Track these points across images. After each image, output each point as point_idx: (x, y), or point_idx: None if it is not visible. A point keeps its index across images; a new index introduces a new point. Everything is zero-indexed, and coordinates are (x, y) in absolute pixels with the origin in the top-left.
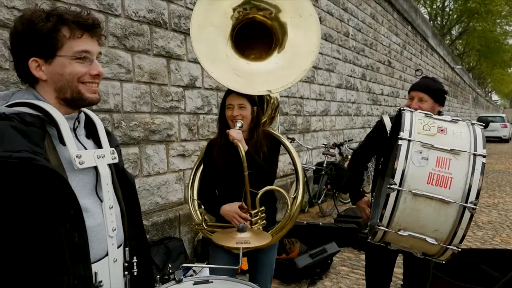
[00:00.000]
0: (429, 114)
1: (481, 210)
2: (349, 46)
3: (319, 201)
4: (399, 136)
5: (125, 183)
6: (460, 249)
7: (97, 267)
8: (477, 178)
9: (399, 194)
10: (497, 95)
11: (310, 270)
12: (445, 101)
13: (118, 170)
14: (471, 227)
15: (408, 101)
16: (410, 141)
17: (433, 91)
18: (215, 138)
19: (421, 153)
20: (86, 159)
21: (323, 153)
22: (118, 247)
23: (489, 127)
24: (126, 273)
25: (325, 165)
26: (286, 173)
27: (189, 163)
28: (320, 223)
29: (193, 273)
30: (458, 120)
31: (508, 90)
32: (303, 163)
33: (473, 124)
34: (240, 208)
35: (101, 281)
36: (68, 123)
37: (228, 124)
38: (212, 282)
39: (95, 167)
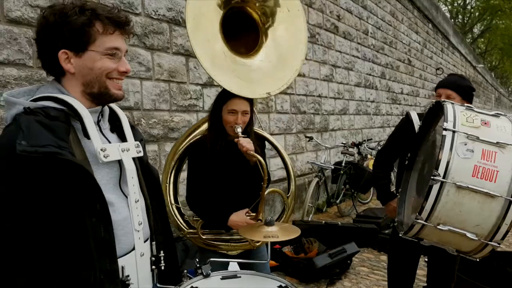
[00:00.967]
0: (470, 107)
1: None
2: (368, 44)
3: (337, 201)
4: (443, 127)
5: (149, 177)
6: (500, 246)
7: (124, 261)
8: None
9: (442, 186)
10: None
11: (329, 270)
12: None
13: (142, 164)
14: None
15: (435, 98)
16: (455, 132)
17: (461, 88)
18: (207, 140)
19: (466, 144)
20: (111, 152)
21: (341, 152)
22: (144, 241)
23: None
24: (153, 267)
25: (343, 164)
26: (303, 172)
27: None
28: (339, 223)
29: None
30: (500, 114)
31: None
32: (321, 162)
33: None
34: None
35: (128, 276)
36: (92, 116)
37: (223, 127)
38: (240, 276)
39: (119, 161)
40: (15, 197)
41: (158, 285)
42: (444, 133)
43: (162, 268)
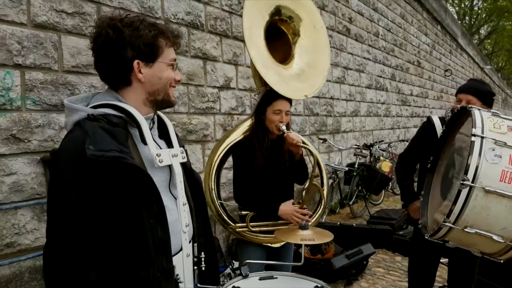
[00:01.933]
0: (496, 113)
1: None
2: (379, 46)
3: (350, 202)
4: (472, 133)
5: (192, 182)
6: None
7: (174, 261)
8: None
9: (471, 190)
10: None
11: (346, 271)
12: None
13: (186, 169)
14: None
15: (456, 103)
16: (483, 138)
17: (481, 93)
18: (252, 140)
19: (494, 150)
20: (164, 157)
21: (354, 154)
22: (189, 242)
23: None
24: (195, 267)
25: (356, 166)
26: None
27: (207, 165)
28: (354, 224)
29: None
30: None
31: None
32: (335, 164)
33: None
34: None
35: (177, 274)
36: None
37: (267, 127)
38: (276, 278)
39: (169, 166)
40: (84, 198)
41: (199, 285)
42: (473, 138)
43: (203, 268)
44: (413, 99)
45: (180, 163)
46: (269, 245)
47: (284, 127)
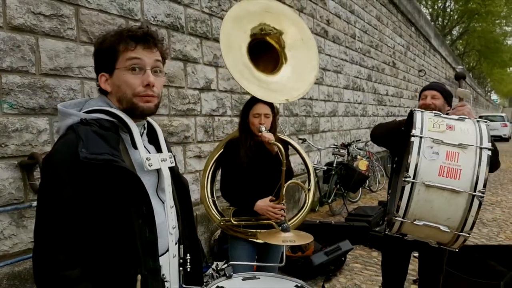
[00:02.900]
0: (438, 114)
1: (485, 208)
2: (355, 47)
3: (329, 201)
4: (411, 134)
5: (180, 186)
6: (470, 235)
7: (161, 261)
8: (483, 169)
9: (413, 186)
10: (496, 94)
11: (325, 267)
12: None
13: (173, 173)
14: (476, 224)
15: (421, 100)
16: (421, 137)
17: (444, 91)
18: (238, 140)
19: (432, 148)
20: (154, 162)
21: (332, 153)
22: (175, 244)
23: (489, 127)
24: (180, 268)
25: (334, 165)
26: (297, 173)
27: (204, 164)
28: (332, 221)
29: (212, 270)
30: (464, 118)
31: (507, 89)
32: (314, 163)
33: (478, 121)
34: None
35: (163, 274)
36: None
37: (250, 129)
38: (259, 278)
39: (157, 170)
40: (77, 197)
41: (184, 285)
42: (412, 139)
43: (188, 270)
44: (388, 99)
45: (168, 168)
46: (254, 240)
47: (263, 128)
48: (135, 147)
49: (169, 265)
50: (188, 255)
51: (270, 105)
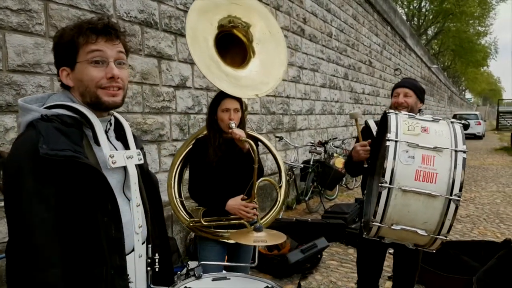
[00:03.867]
0: (412, 115)
1: (459, 204)
2: (332, 46)
3: (306, 198)
4: (386, 138)
5: (149, 184)
6: (448, 238)
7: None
8: (459, 172)
9: (390, 191)
10: (470, 93)
11: (301, 265)
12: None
13: (142, 171)
14: None
15: (394, 98)
16: (397, 141)
17: (416, 88)
18: (207, 138)
19: (407, 152)
20: (118, 159)
21: (309, 151)
22: (142, 244)
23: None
24: (148, 268)
25: (311, 163)
26: (274, 171)
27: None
28: (309, 219)
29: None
30: (439, 119)
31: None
32: (291, 161)
33: (452, 122)
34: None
35: (127, 274)
36: (102, 125)
37: (219, 126)
38: (229, 278)
39: (124, 167)
40: (42, 195)
41: (152, 286)
42: (388, 143)
43: (156, 270)
44: (365, 97)
45: (136, 165)
46: (225, 241)
47: (233, 125)
48: (98, 143)
49: (135, 265)
50: (157, 254)
51: (239, 99)
